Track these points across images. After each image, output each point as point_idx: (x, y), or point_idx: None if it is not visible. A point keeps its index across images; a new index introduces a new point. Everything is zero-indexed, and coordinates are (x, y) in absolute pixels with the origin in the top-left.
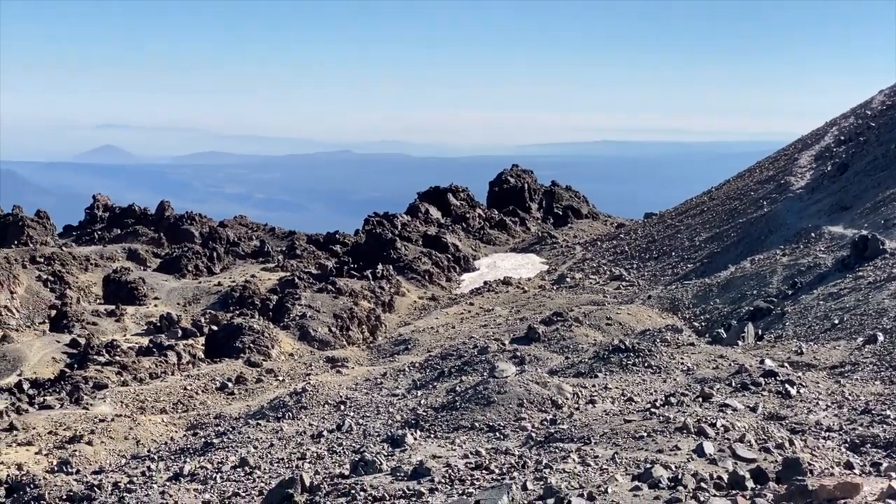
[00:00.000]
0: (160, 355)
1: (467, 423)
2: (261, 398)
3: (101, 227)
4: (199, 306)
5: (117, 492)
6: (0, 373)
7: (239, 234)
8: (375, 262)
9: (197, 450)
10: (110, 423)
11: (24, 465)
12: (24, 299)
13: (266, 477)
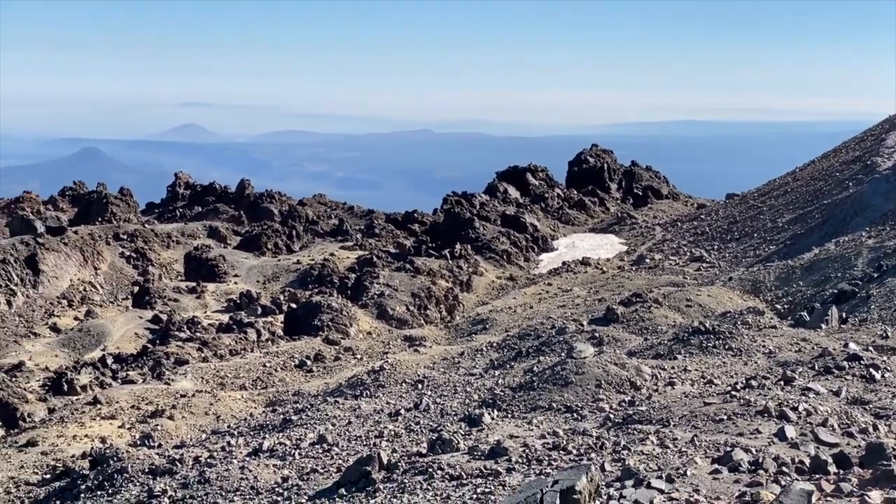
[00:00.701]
0: (240, 332)
1: (545, 404)
2: (339, 376)
3: (182, 205)
4: (279, 284)
5: (198, 466)
6: (84, 347)
7: (318, 213)
8: (454, 241)
9: (276, 426)
10: (191, 399)
11: (108, 439)
12: (107, 275)
13: (344, 454)
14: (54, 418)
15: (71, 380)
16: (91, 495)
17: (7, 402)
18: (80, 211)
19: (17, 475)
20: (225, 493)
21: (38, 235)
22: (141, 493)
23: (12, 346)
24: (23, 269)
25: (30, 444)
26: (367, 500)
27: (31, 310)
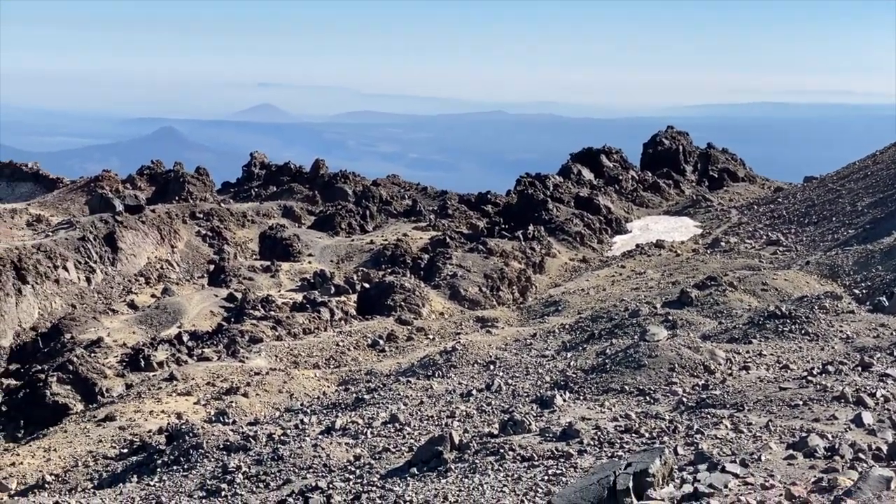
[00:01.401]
0: (313, 311)
1: (617, 387)
2: (411, 356)
3: (257, 185)
4: (352, 264)
5: (271, 443)
6: (161, 324)
7: (391, 193)
8: (527, 222)
9: (348, 405)
10: (265, 377)
11: (184, 415)
12: (183, 254)
13: (416, 433)
14: (132, 394)
15: (148, 356)
16: (167, 470)
17: (86, 377)
18: (157, 190)
19: (96, 449)
20: (298, 471)
21: (116, 214)
22: (216, 468)
23: (91, 322)
24: (102, 246)
25: (108, 418)
26: (438, 480)
27: (109, 287)
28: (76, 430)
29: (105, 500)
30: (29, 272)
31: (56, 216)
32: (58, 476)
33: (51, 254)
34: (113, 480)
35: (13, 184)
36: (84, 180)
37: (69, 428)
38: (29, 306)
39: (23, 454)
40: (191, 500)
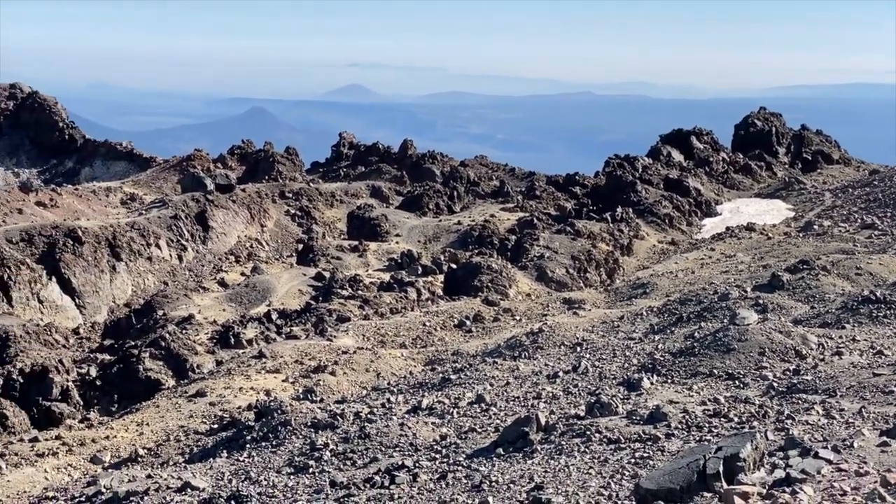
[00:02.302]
0: (401, 291)
1: (706, 370)
2: (497, 337)
3: (346, 165)
4: (439, 244)
5: (358, 421)
6: (250, 302)
7: (479, 174)
8: (615, 204)
9: (435, 384)
10: (352, 355)
11: (272, 392)
12: (273, 233)
13: (502, 414)
14: (222, 370)
15: (238, 334)
16: (256, 446)
17: (178, 353)
18: (247, 169)
19: (187, 424)
20: (384, 449)
21: (207, 192)
22: (304, 445)
23: (183, 299)
24: (193, 225)
25: (198, 394)
26: (524, 461)
27: (200, 265)
28: (168, 406)
29: (196, 475)
30: (123, 250)
31: (149, 195)
32: (150, 450)
33: (144, 232)
34: (203, 455)
35: (108, 163)
36: (176, 159)
37: (161, 403)
38: (123, 283)
39: (116, 428)
40: (279, 476)
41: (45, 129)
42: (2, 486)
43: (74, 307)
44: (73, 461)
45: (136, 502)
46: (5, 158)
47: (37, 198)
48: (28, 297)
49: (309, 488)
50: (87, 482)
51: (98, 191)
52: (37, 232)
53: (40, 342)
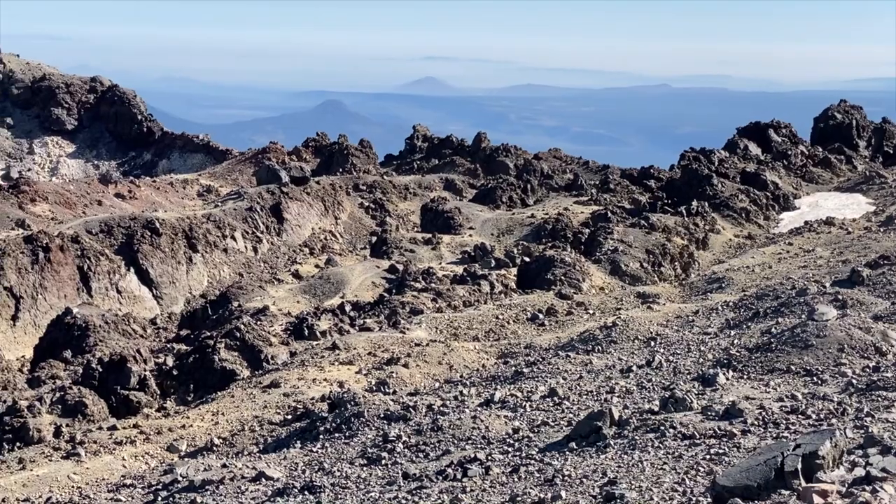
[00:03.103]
0: (474, 284)
1: (783, 366)
2: (570, 330)
3: (420, 157)
4: (512, 237)
5: (431, 413)
6: (324, 294)
7: (553, 167)
8: (690, 198)
9: (507, 378)
10: (425, 348)
11: (346, 383)
12: (347, 225)
13: (575, 408)
14: (295, 361)
15: (311, 325)
16: (329, 437)
17: (252, 344)
18: (322, 161)
19: (261, 415)
20: (457, 442)
21: (282, 185)
22: (377, 437)
23: (257, 290)
24: (268, 217)
25: (273, 385)
26: (597, 455)
27: (275, 256)
28: (243, 396)
29: (270, 464)
30: (199, 241)
31: (225, 187)
32: (225, 439)
33: (220, 223)
34: (277, 445)
35: (185, 155)
36: (252, 152)
37: (236, 393)
38: (199, 274)
39: (192, 417)
40: (352, 467)
41: (124, 122)
42: (81, 472)
43: (152, 298)
44: (150, 449)
45: (212, 491)
46: (86, 151)
47: (116, 189)
48: (107, 287)
49: (381, 480)
50: (163, 470)
51: (175, 183)
52: (116, 223)
53: (119, 332)
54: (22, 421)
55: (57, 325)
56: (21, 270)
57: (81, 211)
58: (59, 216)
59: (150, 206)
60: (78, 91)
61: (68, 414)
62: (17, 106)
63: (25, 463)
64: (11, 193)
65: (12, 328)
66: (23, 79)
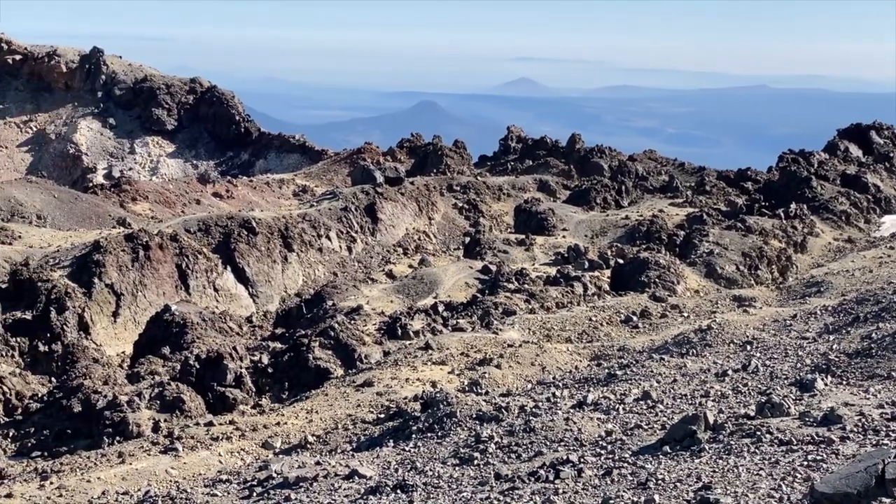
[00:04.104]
0: (567, 286)
1: (883, 372)
2: (664, 333)
3: (513, 158)
4: (606, 239)
5: (523, 415)
6: (417, 294)
7: (648, 169)
8: (788, 200)
9: (600, 380)
10: (518, 349)
11: (438, 383)
12: (440, 225)
13: (668, 411)
14: (389, 361)
15: (405, 325)
16: (422, 437)
17: (346, 343)
18: (416, 162)
19: (355, 413)
20: (549, 443)
21: (377, 185)
22: (469, 437)
23: (351, 290)
24: (363, 217)
25: (366, 384)
26: (691, 459)
27: (369, 256)
28: (336, 394)
29: (363, 463)
30: (294, 240)
31: (320, 187)
32: (319, 437)
33: (315, 223)
34: (370, 444)
35: (281, 155)
36: (347, 152)
37: (330, 392)
38: (294, 273)
39: (287, 415)
40: (444, 467)
41: (222, 123)
42: (178, 467)
43: (248, 296)
44: (246, 446)
45: (306, 488)
46: (185, 151)
47: (214, 189)
48: (204, 285)
49: (474, 480)
50: (258, 467)
51: (271, 182)
52: (213, 222)
53: (215, 329)
54: (122, 415)
55: (156, 321)
56: (122, 268)
57: (180, 210)
58: (159, 215)
59: (247, 206)
60: (178, 92)
61: (166, 409)
62: (120, 107)
63: (125, 456)
64: (113, 192)
65: (113, 324)
66: (125, 80)
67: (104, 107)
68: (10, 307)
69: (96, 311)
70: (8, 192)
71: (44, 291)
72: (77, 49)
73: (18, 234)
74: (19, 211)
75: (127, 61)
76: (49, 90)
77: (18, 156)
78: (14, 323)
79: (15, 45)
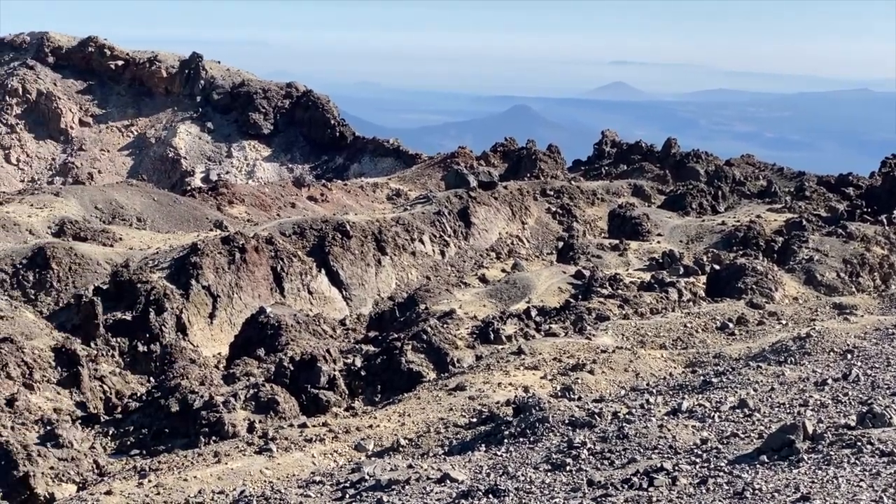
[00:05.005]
0: (661, 291)
1: None
2: (762, 341)
3: (608, 163)
4: (702, 245)
5: (616, 421)
6: (510, 299)
7: (745, 174)
8: (891, 206)
9: (695, 387)
10: (611, 355)
11: (531, 388)
12: (533, 230)
13: (766, 420)
14: (481, 365)
15: (497, 329)
16: (514, 441)
17: (439, 347)
18: (509, 166)
19: (447, 417)
20: (643, 451)
21: (470, 189)
22: (561, 443)
23: (444, 294)
24: (456, 221)
25: (458, 388)
26: (789, 470)
27: (462, 260)
28: (428, 398)
29: (455, 467)
30: (388, 244)
31: (414, 190)
32: (411, 440)
33: (408, 227)
34: (462, 448)
35: (376, 159)
36: (441, 156)
37: (422, 395)
38: (387, 276)
39: (379, 418)
40: (536, 473)
41: (317, 127)
42: (273, 467)
43: (341, 299)
44: (339, 448)
45: (398, 491)
46: (280, 154)
47: (308, 192)
48: (299, 287)
49: (566, 486)
50: (351, 469)
51: (365, 186)
52: (308, 225)
53: (309, 332)
54: (218, 416)
55: (251, 323)
56: (218, 270)
57: (276, 213)
58: (255, 218)
59: (341, 209)
60: (274, 96)
61: (261, 410)
62: (217, 111)
63: (220, 456)
64: (211, 195)
65: (209, 326)
66: (223, 85)
67: (202, 111)
68: (111, 308)
69: (193, 313)
70: (110, 194)
71: (143, 293)
72: (177, 54)
73: (119, 237)
74: (120, 213)
75: (225, 66)
76: (150, 95)
77: (120, 159)
78: (115, 323)
79: (117, 51)
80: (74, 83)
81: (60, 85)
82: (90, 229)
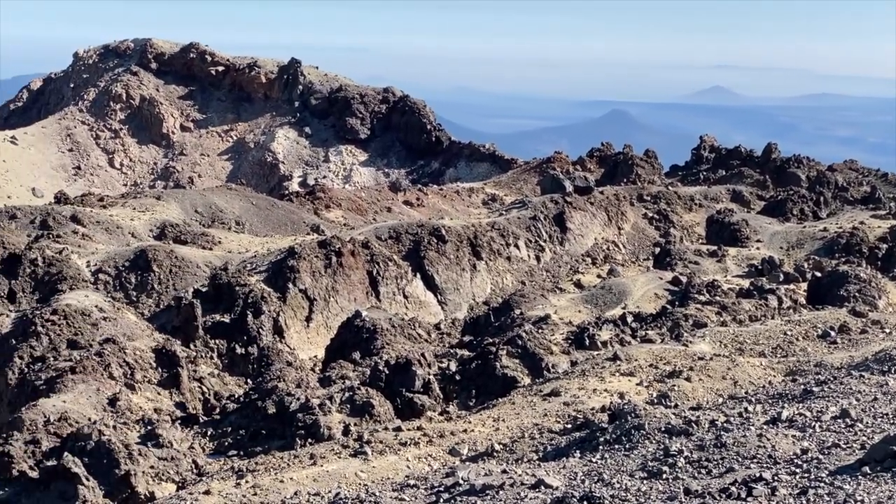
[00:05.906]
0: (761, 298)
1: None
2: (865, 349)
3: (706, 168)
4: (803, 251)
5: (714, 429)
6: (606, 305)
7: (848, 179)
8: None
9: (795, 396)
10: (709, 362)
11: (626, 395)
12: (630, 235)
13: (868, 431)
14: (576, 371)
15: (592, 335)
16: (609, 448)
17: (534, 352)
18: (606, 171)
19: (541, 422)
20: (741, 460)
21: (566, 194)
22: (657, 450)
23: (539, 299)
24: (551, 226)
25: (553, 393)
26: (893, 482)
27: (557, 266)
28: (523, 403)
29: (549, 473)
30: (483, 249)
31: (509, 195)
32: (505, 445)
33: (504, 232)
34: (557, 454)
35: (471, 164)
36: (537, 161)
37: (516, 400)
38: (482, 281)
39: (474, 422)
40: (632, 480)
41: (414, 132)
42: (367, 471)
43: (436, 303)
44: (433, 452)
45: (492, 496)
46: (377, 159)
47: (404, 197)
48: (394, 291)
49: (662, 494)
50: (445, 473)
51: (461, 191)
52: (404, 230)
53: (405, 336)
54: (314, 418)
55: (347, 327)
56: (315, 274)
57: (372, 217)
58: (351, 222)
59: (437, 214)
60: (371, 101)
61: (356, 413)
62: (315, 116)
63: (316, 458)
64: (308, 200)
65: (306, 329)
66: (321, 90)
67: (300, 116)
68: (210, 310)
69: (290, 316)
70: (209, 198)
71: (241, 295)
72: (276, 60)
73: (218, 240)
74: (219, 217)
75: (323, 71)
76: (249, 100)
77: (219, 164)
78: (213, 325)
79: (218, 57)
80: (176, 89)
81: (162, 90)
82: (190, 232)
